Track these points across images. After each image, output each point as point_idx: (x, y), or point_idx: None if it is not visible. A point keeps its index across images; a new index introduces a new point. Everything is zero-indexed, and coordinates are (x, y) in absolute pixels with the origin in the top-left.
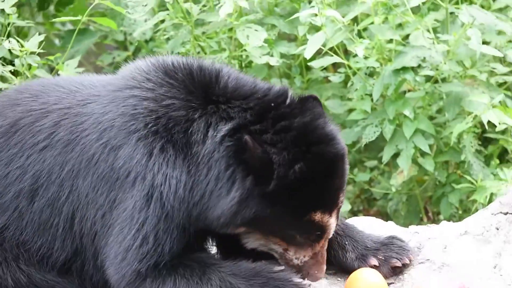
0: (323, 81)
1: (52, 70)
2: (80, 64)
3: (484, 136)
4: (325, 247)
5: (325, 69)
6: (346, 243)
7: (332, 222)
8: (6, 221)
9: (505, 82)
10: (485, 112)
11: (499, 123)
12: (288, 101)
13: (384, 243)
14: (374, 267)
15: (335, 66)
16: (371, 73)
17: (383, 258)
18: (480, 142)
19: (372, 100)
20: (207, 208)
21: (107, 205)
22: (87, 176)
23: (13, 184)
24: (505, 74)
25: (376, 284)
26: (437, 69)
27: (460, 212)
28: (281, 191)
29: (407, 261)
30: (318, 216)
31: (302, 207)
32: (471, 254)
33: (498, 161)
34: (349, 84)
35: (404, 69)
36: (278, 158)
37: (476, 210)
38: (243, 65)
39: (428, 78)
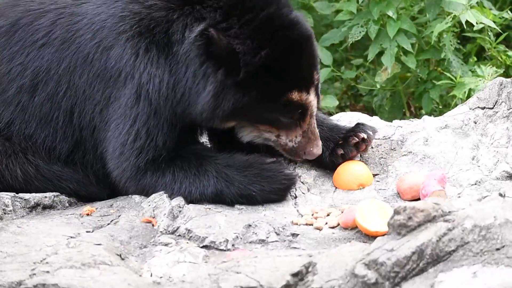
0: None
1: None
2: None
3: (463, 35)
4: (313, 125)
5: None
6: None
7: (311, 99)
8: (10, 116)
9: None
10: (463, 13)
11: (477, 23)
12: None
13: (350, 130)
14: (341, 155)
15: None
16: None
17: (342, 141)
18: (459, 41)
19: (357, 1)
20: (189, 105)
21: (103, 102)
22: (83, 73)
23: (15, 80)
24: None
25: (362, 175)
26: None
27: (440, 107)
28: (251, 78)
29: (363, 136)
30: (295, 95)
31: (277, 89)
32: (450, 147)
33: (475, 59)
34: None
35: None
36: (243, 47)
37: (456, 105)
38: None
39: None
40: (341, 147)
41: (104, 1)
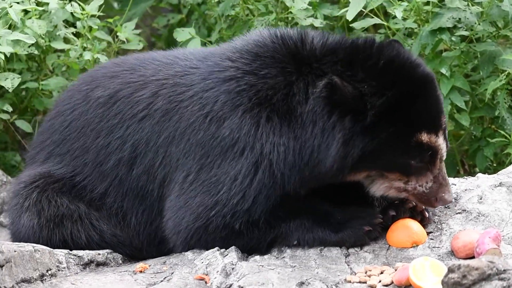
0: None
1: (111, 32)
2: (136, 26)
3: None
4: (444, 170)
5: (366, 30)
6: (374, 200)
7: (441, 142)
8: (106, 187)
9: None
10: None
11: None
12: (375, 46)
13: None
14: (392, 216)
15: (376, 27)
16: (410, 34)
17: (397, 202)
18: None
19: None
20: (319, 163)
21: (195, 167)
22: (180, 142)
23: (114, 153)
24: None
25: (416, 233)
26: (471, 30)
27: (494, 164)
28: (379, 121)
29: (422, 208)
30: (424, 137)
31: (406, 130)
32: (505, 205)
33: None
34: None
35: (441, 29)
36: (368, 89)
37: (510, 162)
38: (289, 26)
39: (463, 38)
40: (394, 209)
41: (211, 71)
